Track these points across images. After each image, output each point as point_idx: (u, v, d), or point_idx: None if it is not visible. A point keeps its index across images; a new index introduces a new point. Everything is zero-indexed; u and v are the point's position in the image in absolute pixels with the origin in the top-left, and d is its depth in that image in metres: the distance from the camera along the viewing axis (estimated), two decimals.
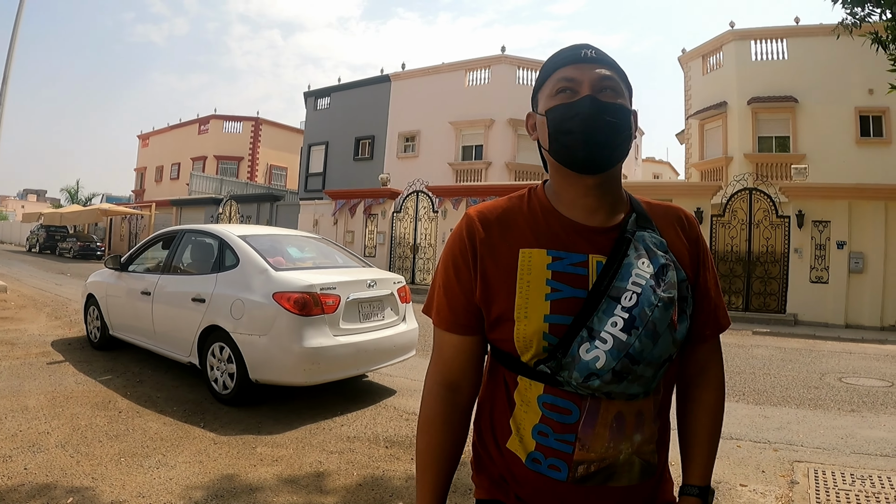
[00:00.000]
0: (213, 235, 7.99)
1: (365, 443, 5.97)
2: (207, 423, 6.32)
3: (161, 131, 59.89)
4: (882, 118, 25.52)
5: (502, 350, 1.63)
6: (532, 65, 33.24)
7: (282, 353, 6.55)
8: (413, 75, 36.74)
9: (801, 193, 18.40)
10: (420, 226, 24.69)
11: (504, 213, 1.69)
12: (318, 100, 41.54)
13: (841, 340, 14.97)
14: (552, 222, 1.63)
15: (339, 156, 38.79)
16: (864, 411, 7.94)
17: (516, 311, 1.55)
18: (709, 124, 29.82)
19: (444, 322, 1.70)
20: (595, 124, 1.54)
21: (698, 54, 30.84)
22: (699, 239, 1.75)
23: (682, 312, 1.55)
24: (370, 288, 7.40)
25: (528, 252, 1.59)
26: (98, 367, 8.44)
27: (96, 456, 5.24)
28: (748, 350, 12.66)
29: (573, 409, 1.52)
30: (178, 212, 40.11)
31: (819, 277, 18.06)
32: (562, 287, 1.53)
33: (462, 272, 1.66)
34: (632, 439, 1.53)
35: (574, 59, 1.62)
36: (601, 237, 1.60)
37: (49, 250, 43.27)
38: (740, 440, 6.57)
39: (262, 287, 6.83)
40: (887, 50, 6.67)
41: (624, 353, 1.44)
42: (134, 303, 8.57)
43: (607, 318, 1.48)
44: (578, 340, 1.48)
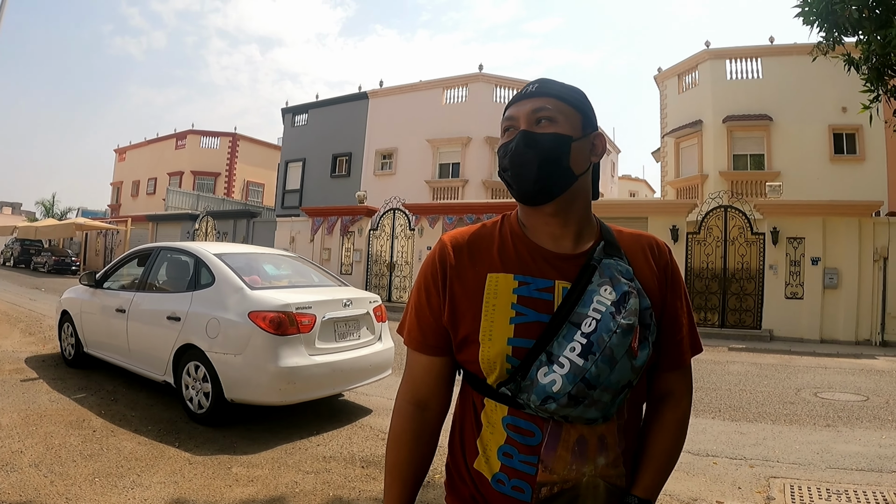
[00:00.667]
0: (188, 253, 7.97)
1: (341, 462, 5.95)
2: (182, 442, 6.27)
3: (138, 145, 59.61)
4: (855, 136, 25.76)
5: (469, 371, 1.68)
6: (509, 83, 33.33)
7: (257, 373, 6.53)
8: (391, 93, 36.76)
9: (775, 210, 18.53)
10: (397, 243, 24.63)
11: (475, 238, 1.75)
12: (295, 116, 41.48)
13: (816, 355, 15.04)
14: (521, 248, 1.68)
15: (316, 172, 38.73)
16: (839, 426, 8.00)
17: (481, 333, 1.59)
18: (684, 142, 30.00)
19: (413, 342, 1.76)
20: (523, 159, 1.61)
21: (674, 73, 31.05)
22: (668, 266, 1.78)
23: (644, 339, 1.56)
24: (346, 307, 7.39)
25: (495, 276, 1.64)
26: (72, 384, 8.37)
27: (70, 476, 5.20)
28: (724, 366, 12.70)
29: (536, 431, 1.55)
30: (155, 227, 39.88)
31: (794, 293, 18.17)
32: (527, 311, 1.58)
33: (432, 295, 1.72)
34: (595, 462, 1.56)
35: (517, 98, 1.70)
36: (568, 264, 1.65)
37: (23, 264, 42.92)
38: (716, 457, 6.59)
39: (237, 306, 6.81)
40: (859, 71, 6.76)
41: (580, 377, 1.47)
42: (109, 320, 8.51)
43: (566, 343, 1.51)
44: (537, 364, 1.52)
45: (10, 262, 44.89)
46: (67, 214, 60.61)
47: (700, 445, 6.94)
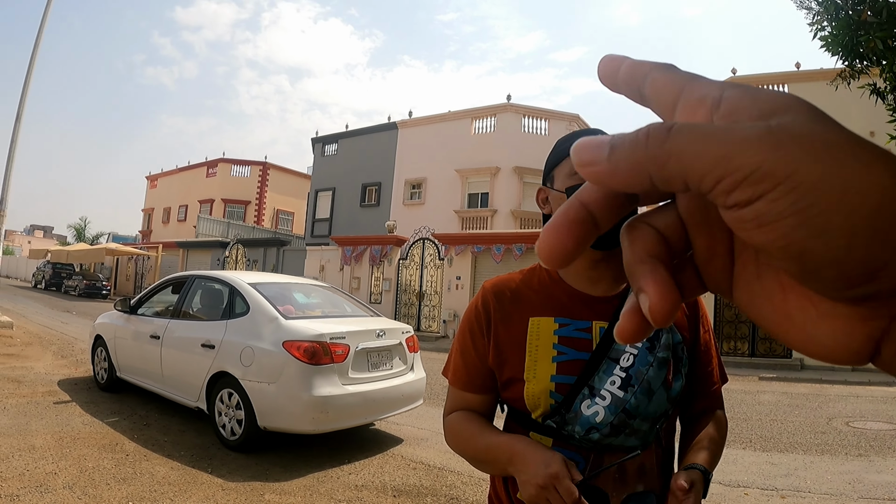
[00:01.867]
0: (223, 282, 8.05)
1: (373, 492, 5.96)
2: (215, 468, 6.31)
3: (169, 173, 60.07)
4: None
5: (515, 408, 1.76)
6: (537, 113, 33.39)
7: (291, 402, 6.56)
8: (419, 123, 36.92)
9: None
10: (426, 273, 24.70)
11: (516, 285, 1.84)
12: (325, 146, 41.70)
13: (848, 384, 14.89)
14: (558, 293, 1.77)
15: (345, 202, 38.87)
16: (871, 455, 7.93)
17: (526, 372, 1.68)
18: None
19: (459, 382, 1.86)
20: None
21: None
22: (696, 304, 1.87)
23: (678, 372, 1.66)
24: (379, 338, 7.43)
25: (536, 320, 1.74)
26: (105, 408, 8.44)
27: (104, 499, 5.24)
28: (754, 396, 12.61)
29: (579, 461, 1.61)
30: (185, 254, 40.12)
31: None
32: (567, 350, 1.67)
33: (478, 338, 1.81)
34: (634, 489, 1.63)
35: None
36: (604, 305, 1.73)
37: (55, 287, 43.22)
38: (748, 488, 6.56)
39: (271, 335, 6.86)
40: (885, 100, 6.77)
41: (621, 408, 1.56)
42: (142, 346, 8.59)
43: (607, 377, 1.61)
44: (580, 398, 1.60)
45: (41, 285, 45.18)
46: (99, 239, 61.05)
47: (731, 476, 6.90)
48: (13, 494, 5.15)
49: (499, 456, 1.68)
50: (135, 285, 41.76)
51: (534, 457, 1.55)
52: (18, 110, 17.93)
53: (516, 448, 1.61)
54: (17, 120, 17.84)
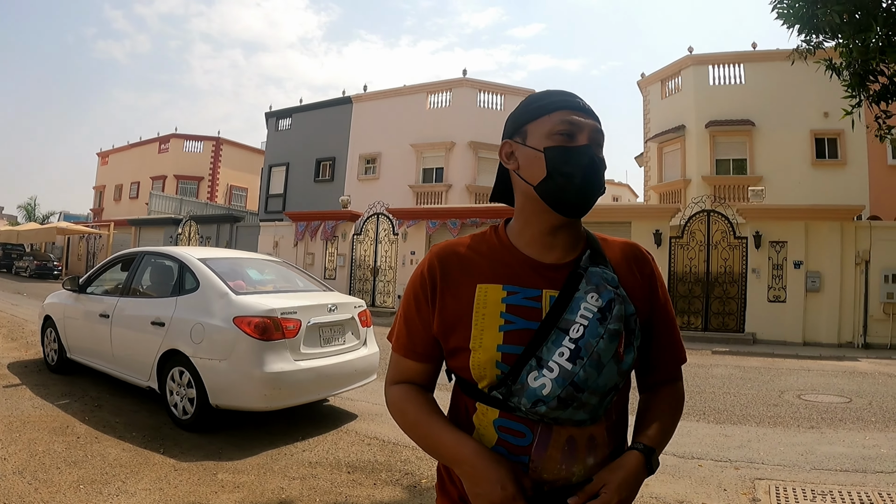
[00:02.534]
0: (173, 258, 7.92)
1: (327, 468, 5.94)
2: (167, 449, 6.24)
3: (121, 149, 59.26)
4: (837, 140, 25.94)
5: (461, 377, 1.71)
6: (493, 88, 33.43)
7: (242, 378, 6.50)
8: (374, 97, 36.74)
9: (757, 215, 18.65)
10: (380, 248, 24.62)
11: (464, 250, 1.78)
12: (279, 120, 41.39)
13: (799, 358, 15.12)
14: (509, 259, 1.72)
15: (299, 177, 38.65)
16: (823, 427, 8.07)
17: (472, 341, 1.63)
18: (667, 147, 30.15)
19: (402, 348, 1.83)
20: (591, 173, 1.64)
21: (657, 79, 31.20)
22: (653, 275, 1.84)
23: (630, 344, 1.61)
24: (331, 312, 7.39)
25: (484, 287, 1.68)
26: (55, 390, 8.32)
27: (55, 483, 5.17)
28: (708, 370, 12.75)
29: (526, 433, 1.59)
30: (137, 232, 39.68)
31: (777, 297, 18.27)
32: (515, 319, 1.62)
33: (422, 305, 1.76)
34: (584, 462, 1.60)
35: (574, 106, 1.70)
36: (555, 273, 1.69)
37: (5, 269, 42.59)
38: (701, 459, 6.61)
39: (222, 311, 6.78)
40: (841, 76, 6.80)
41: (569, 381, 1.51)
42: (92, 325, 8.45)
43: (555, 348, 1.55)
44: (528, 369, 1.55)
45: None
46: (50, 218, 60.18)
47: (685, 448, 6.97)
48: None
49: (443, 453, 1.67)
50: (87, 264, 41.25)
51: (487, 473, 1.53)
52: None
53: (463, 454, 1.59)
54: None
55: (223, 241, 32.36)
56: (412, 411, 1.76)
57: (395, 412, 1.82)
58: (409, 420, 1.77)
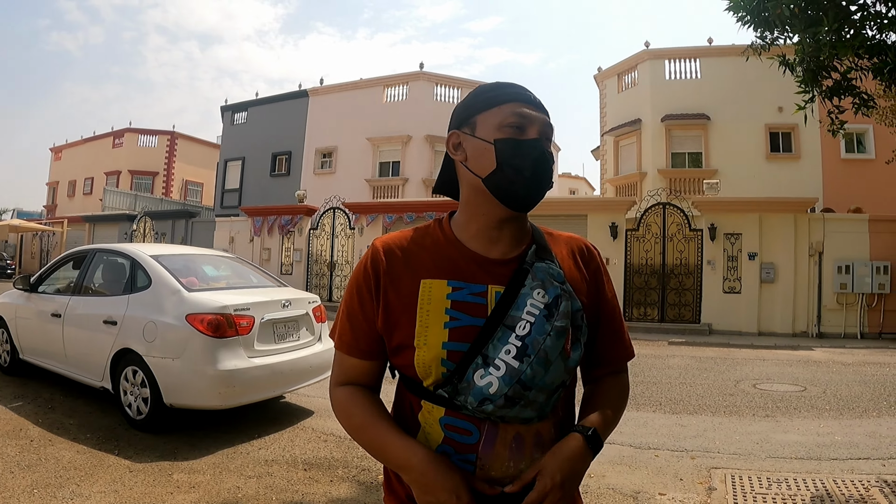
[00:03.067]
0: (124, 255, 7.82)
1: (283, 466, 5.91)
2: (122, 450, 6.17)
3: (74, 144, 58.51)
4: (791, 134, 26.36)
5: (406, 375, 1.68)
6: (450, 82, 33.49)
7: (196, 377, 6.44)
8: (331, 91, 36.66)
9: (713, 207, 18.82)
10: (337, 242, 24.53)
11: (409, 244, 1.75)
12: (234, 114, 41.15)
13: (754, 348, 15.37)
14: (453, 253, 1.69)
15: (255, 171, 38.46)
16: (778, 416, 8.18)
17: (416, 338, 1.60)
18: (623, 141, 30.36)
19: (345, 346, 1.77)
20: (541, 167, 1.62)
21: (614, 73, 31.40)
22: (599, 269, 1.83)
23: (577, 341, 1.59)
24: (285, 308, 7.34)
25: (428, 283, 1.65)
26: (8, 393, 8.20)
27: (8, 488, 5.09)
28: (664, 360, 12.87)
29: (473, 431, 1.57)
30: (92, 228, 39.19)
31: (732, 288, 18.46)
32: (460, 316, 1.59)
33: (366, 301, 1.72)
34: (531, 459, 1.59)
35: (525, 99, 1.68)
36: (501, 268, 1.66)
37: None
38: (658, 450, 6.67)
39: (174, 308, 6.71)
40: (794, 72, 6.86)
41: (516, 379, 1.49)
42: (44, 325, 8.32)
43: (502, 345, 1.53)
44: (474, 367, 1.53)
45: None
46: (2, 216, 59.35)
47: (641, 439, 7.03)
48: None
49: (390, 459, 1.64)
50: (40, 263, 40.66)
51: (439, 481, 1.52)
52: None
53: (412, 462, 1.56)
54: None
55: (178, 237, 32.07)
56: (358, 414, 1.72)
57: (340, 415, 1.78)
58: (354, 424, 1.72)
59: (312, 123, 36.77)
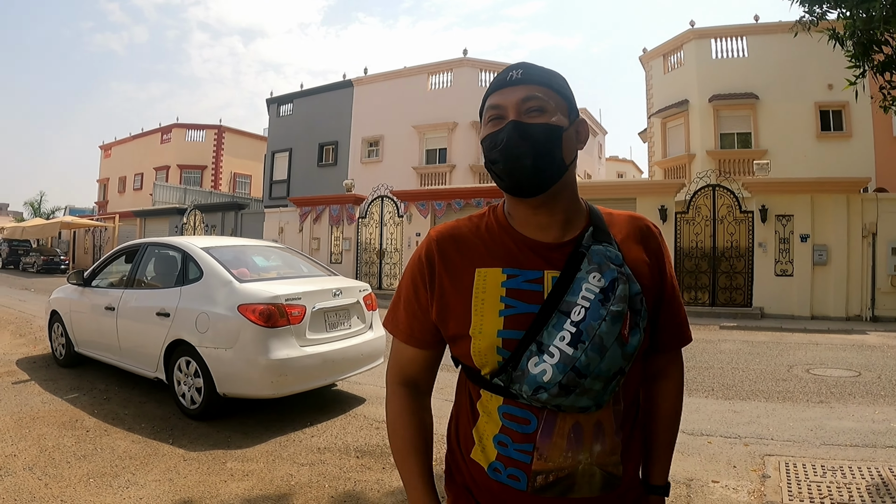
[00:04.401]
0: (175, 248, 7.92)
1: (336, 453, 5.94)
2: (176, 439, 6.25)
3: (123, 141, 59.33)
4: (842, 112, 25.75)
5: (465, 364, 1.66)
6: (493, 67, 33.32)
7: (248, 366, 6.50)
8: (375, 80, 36.71)
9: (763, 188, 18.53)
10: (385, 231, 24.61)
11: (463, 232, 1.73)
12: (280, 106, 41.39)
13: (807, 332, 15.08)
14: (508, 241, 1.66)
15: (302, 162, 38.69)
16: (832, 402, 8.01)
17: (472, 327, 1.58)
18: (671, 122, 30.01)
19: (401, 334, 1.79)
20: (517, 152, 1.56)
21: (659, 53, 31.02)
22: (660, 249, 1.76)
23: (635, 326, 1.53)
24: (336, 297, 7.36)
25: (483, 271, 1.62)
26: (64, 385, 8.33)
27: (65, 478, 5.17)
28: (716, 345, 12.72)
29: (531, 420, 1.54)
30: (142, 223, 39.76)
31: (784, 270, 18.21)
32: (516, 304, 1.56)
33: (420, 291, 1.72)
34: (591, 450, 1.55)
35: (500, 85, 1.64)
36: (556, 253, 1.62)
37: (12, 265, 42.77)
38: (711, 436, 6.58)
39: (226, 299, 6.78)
40: (844, 46, 6.73)
41: (570, 366, 1.45)
42: (98, 318, 8.46)
43: (556, 332, 1.49)
44: (528, 354, 1.50)
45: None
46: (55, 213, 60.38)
47: (694, 425, 6.94)
48: None
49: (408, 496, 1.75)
50: (93, 258, 41.40)
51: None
52: None
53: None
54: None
55: (228, 228, 32.40)
56: (399, 437, 1.79)
57: (388, 426, 1.83)
58: (395, 446, 1.80)
59: (358, 113, 36.84)
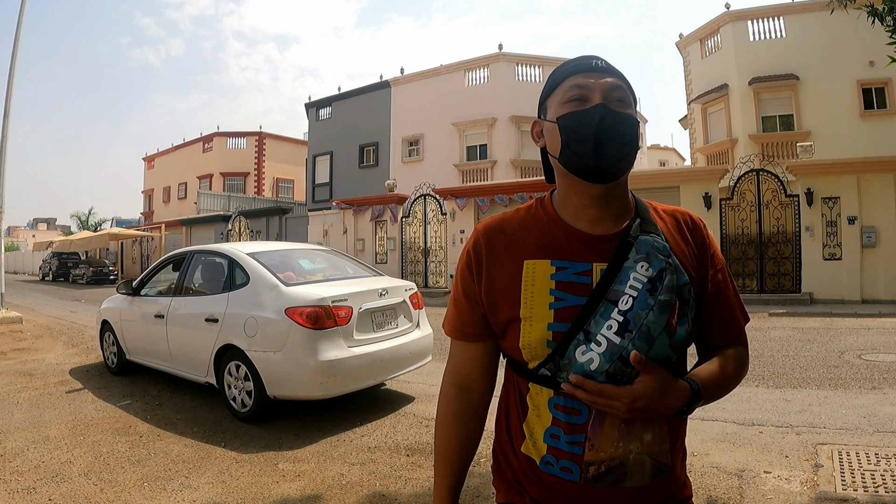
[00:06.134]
0: (222, 255, 8.02)
1: (386, 452, 5.97)
2: (228, 441, 6.34)
3: (166, 152, 60.07)
4: (885, 90, 25.31)
5: (513, 357, 1.68)
6: (530, 60, 33.22)
7: (297, 368, 6.57)
8: (412, 79, 36.78)
9: (808, 171, 18.27)
10: (430, 229, 24.71)
11: (510, 225, 1.73)
12: (319, 110, 41.62)
13: (858, 316, 14.82)
14: (557, 233, 1.66)
15: (344, 164, 38.87)
16: (885, 388, 7.85)
17: (522, 320, 1.58)
18: (711, 108, 29.73)
19: (453, 331, 1.81)
20: (607, 133, 1.55)
21: (696, 38, 30.72)
22: (705, 241, 1.76)
23: (683, 315, 1.54)
24: (382, 297, 7.40)
25: (532, 263, 1.62)
26: (117, 392, 8.48)
27: (119, 482, 5.26)
28: (765, 332, 12.59)
29: (582, 410, 1.54)
30: (188, 231, 40.20)
31: (832, 254, 17.94)
32: (565, 296, 1.56)
33: (469, 285, 1.73)
34: (641, 439, 1.54)
35: (585, 68, 1.63)
36: (605, 245, 1.62)
37: (62, 278, 43.49)
38: (762, 426, 6.51)
39: (273, 303, 6.84)
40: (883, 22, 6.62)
41: (617, 355, 1.45)
42: (148, 326, 8.59)
43: (604, 321, 1.49)
44: (575, 343, 1.50)
45: (49, 277, 45.46)
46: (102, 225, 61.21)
47: (745, 414, 6.88)
48: (29, 487, 5.16)
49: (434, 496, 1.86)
50: (141, 267, 41.95)
51: None
52: (6, 106, 18.02)
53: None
54: (6, 116, 17.91)
55: (273, 233, 32.65)
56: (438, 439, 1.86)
57: (436, 422, 1.89)
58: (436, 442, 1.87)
59: (397, 113, 36.93)
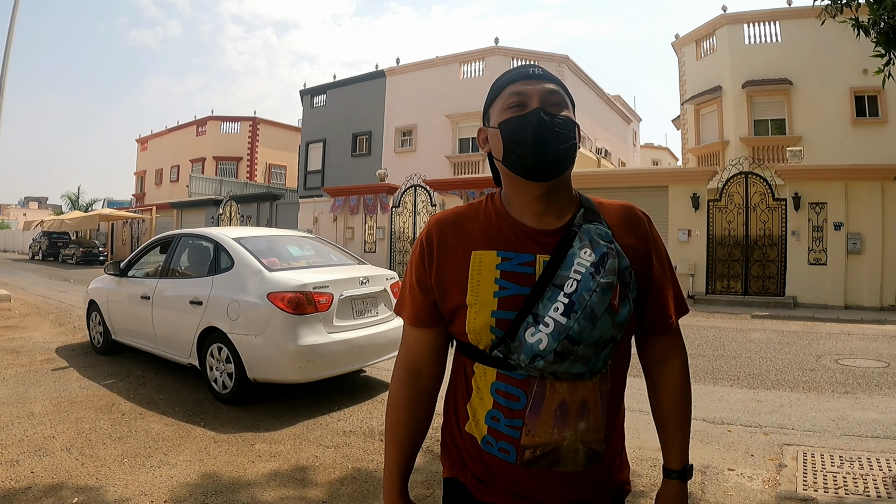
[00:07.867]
0: (208, 239, 8.10)
1: (360, 436, 6.09)
2: (208, 422, 6.45)
3: (159, 134, 59.75)
4: (877, 98, 25.30)
5: (461, 340, 1.77)
6: (525, 55, 33.14)
7: (278, 352, 6.68)
8: (408, 70, 36.66)
9: (796, 176, 18.39)
10: (419, 220, 24.68)
11: (461, 218, 1.83)
12: (314, 97, 41.47)
13: (840, 322, 14.96)
14: (504, 227, 1.75)
15: (337, 152, 38.75)
16: (857, 393, 7.98)
17: (468, 307, 1.68)
18: (704, 109, 29.74)
19: (407, 317, 1.89)
20: (544, 134, 1.66)
21: (691, 39, 30.71)
22: (648, 235, 1.84)
23: (625, 297, 1.64)
24: (363, 285, 7.51)
25: (479, 254, 1.72)
26: (101, 371, 8.57)
27: (100, 458, 5.37)
28: (746, 334, 12.72)
29: (521, 396, 1.64)
30: (179, 214, 40.16)
31: (817, 259, 18.08)
32: (509, 285, 1.66)
33: (421, 273, 1.82)
34: (575, 427, 1.64)
35: (523, 76, 1.76)
36: (549, 238, 1.71)
37: (52, 257, 43.30)
38: (731, 425, 6.63)
39: (256, 288, 6.95)
40: (869, 35, 6.70)
41: (564, 334, 1.55)
42: (134, 307, 8.68)
43: (551, 304, 1.59)
44: (524, 326, 1.60)
45: (38, 256, 45.35)
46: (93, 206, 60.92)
47: (716, 413, 7.01)
48: (13, 460, 5.26)
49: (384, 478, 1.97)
50: (131, 249, 41.71)
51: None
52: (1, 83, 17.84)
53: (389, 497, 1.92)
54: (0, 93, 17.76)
55: (264, 219, 32.65)
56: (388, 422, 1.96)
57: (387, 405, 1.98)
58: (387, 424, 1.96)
59: (391, 103, 36.84)
